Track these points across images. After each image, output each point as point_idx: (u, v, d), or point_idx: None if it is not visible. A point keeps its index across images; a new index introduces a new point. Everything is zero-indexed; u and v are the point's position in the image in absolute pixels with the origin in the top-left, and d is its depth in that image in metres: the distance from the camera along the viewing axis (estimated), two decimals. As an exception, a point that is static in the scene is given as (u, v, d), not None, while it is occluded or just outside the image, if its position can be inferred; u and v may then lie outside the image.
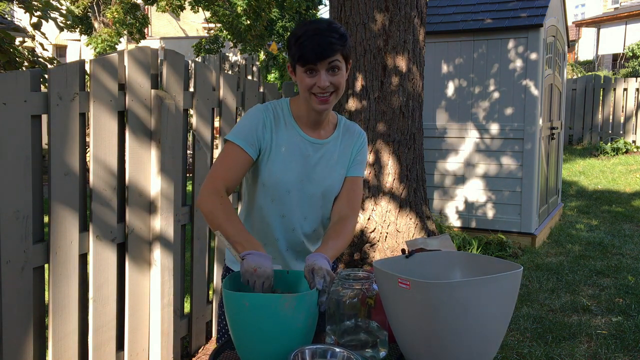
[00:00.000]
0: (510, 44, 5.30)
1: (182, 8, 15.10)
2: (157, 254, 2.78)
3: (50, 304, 2.35)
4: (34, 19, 4.55)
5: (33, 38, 5.67)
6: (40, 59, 4.71)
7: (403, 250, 1.73)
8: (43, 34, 4.66)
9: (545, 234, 5.74)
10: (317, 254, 1.53)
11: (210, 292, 3.47)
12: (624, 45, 22.33)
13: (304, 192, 1.72)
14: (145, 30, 17.83)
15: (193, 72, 3.12)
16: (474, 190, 5.59)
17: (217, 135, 3.70)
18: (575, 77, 18.21)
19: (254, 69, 14.25)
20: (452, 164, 5.65)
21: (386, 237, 4.12)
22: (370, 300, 1.52)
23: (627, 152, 11.07)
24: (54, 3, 5.00)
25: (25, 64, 4.53)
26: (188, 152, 3.57)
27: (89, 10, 15.55)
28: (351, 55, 1.66)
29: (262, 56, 14.31)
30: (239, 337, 1.41)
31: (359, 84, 4.10)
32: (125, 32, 15.05)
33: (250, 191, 1.77)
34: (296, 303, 1.36)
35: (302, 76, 1.60)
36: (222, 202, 1.58)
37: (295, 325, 1.38)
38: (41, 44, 5.37)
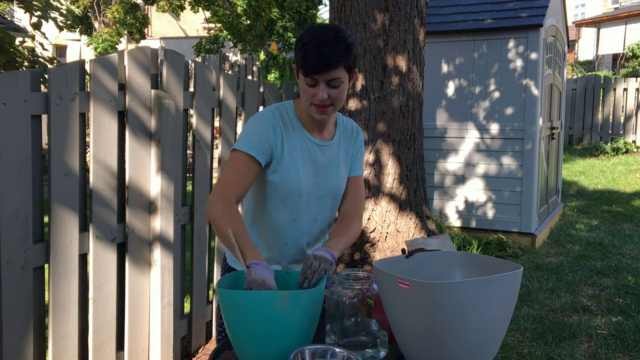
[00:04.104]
0: (510, 44, 5.30)
1: (182, 8, 15.11)
2: (157, 254, 2.78)
3: (50, 304, 2.35)
4: (34, 19, 4.55)
5: (33, 38, 5.67)
6: (40, 59, 4.71)
7: (403, 250, 1.73)
8: (43, 34, 4.66)
9: (545, 234, 5.74)
10: (321, 247, 1.60)
11: (210, 292, 3.48)
12: (624, 45, 22.34)
13: (315, 195, 1.73)
14: (145, 30, 17.83)
15: (193, 72, 3.12)
16: (474, 190, 5.59)
17: (217, 135, 3.70)
18: (575, 77, 18.22)
19: (254, 69, 14.25)
20: (452, 163, 5.65)
21: (386, 237, 4.12)
22: (370, 300, 1.52)
23: (627, 152, 11.07)
24: (54, 3, 5.00)
25: (25, 64, 4.53)
26: (188, 152, 3.57)
27: (89, 10, 15.55)
28: (357, 63, 1.63)
29: (262, 56, 14.31)
30: (236, 336, 1.41)
31: (359, 84, 4.10)
32: (125, 32, 15.05)
33: (258, 196, 1.75)
34: (291, 300, 1.36)
35: (304, 84, 1.60)
36: (232, 210, 1.57)
37: (291, 323, 1.38)
38: (41, 44, 5.37)
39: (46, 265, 2.34)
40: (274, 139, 1.65)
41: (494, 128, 5.43)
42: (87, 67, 2.63)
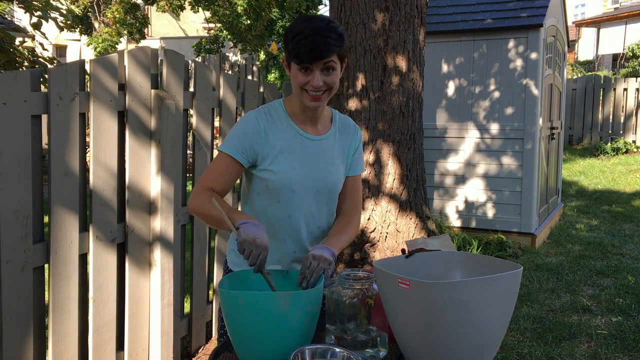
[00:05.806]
0: (511, 44, 5.31)
1: (182, 8, 15.11)
2: (157, 254, 2.78)
3: (50, 304, 2.35)
4: (34, 19, 4.55)
5: (33, 38, 5.67)
6: (40, 59, 4.71)
7: (403, 250, 1.73)
8: (43, 34, 4.66)
9: (545, 234, 5.74)
10: (321, 245, 1.61)
11: (210, 292, 3.48)
12: (624, 45, 22.34)
13: (309, 190, 1.73)
14: (145, 30, 17.83)
15: (193, 72, 3.12)
16: (474, 190, 5.59)
17: (217, 135, 3.71)
18: (575, 77, 18.22)
19: (254, 69, 14.25)
20: (452, 163, 5.65)
21: (386, 237, 4.12)
22: (370, 300, 1.52)
23: (627, 152, 11.07)
24: (54, 3, 5.00)
25: (25, 64, 4.52)
26: (188, 152, 3.57)
27: (89, 10, 15.55)
28: (347, 54, 1.68)
29: (262, 56, 14.31)
30: (236, 336, 1.41)
31: (359, 84, 4.10)
32: (125, 32, 15.06)
33: (252, 195, 1.76)
34: (292, 301, 1.36)
35: (297, 73, 1.62)
36: (212, 194, 1.62)
37: (291, 323, 1.38)
38: (41, 44, 5.37)
39: (46, 265, 2.34)
40: (256, 138, 1.67)
41: (494, 128, 5.43)
42: (87, 67, 2.63)
